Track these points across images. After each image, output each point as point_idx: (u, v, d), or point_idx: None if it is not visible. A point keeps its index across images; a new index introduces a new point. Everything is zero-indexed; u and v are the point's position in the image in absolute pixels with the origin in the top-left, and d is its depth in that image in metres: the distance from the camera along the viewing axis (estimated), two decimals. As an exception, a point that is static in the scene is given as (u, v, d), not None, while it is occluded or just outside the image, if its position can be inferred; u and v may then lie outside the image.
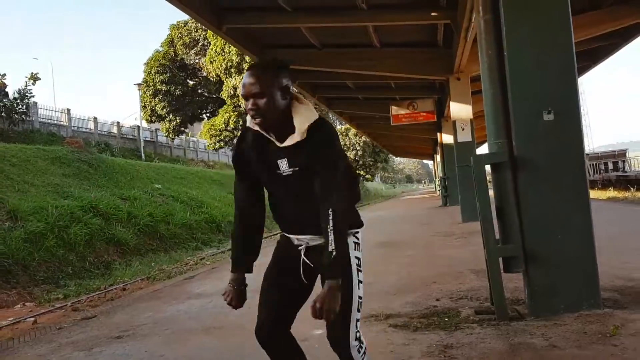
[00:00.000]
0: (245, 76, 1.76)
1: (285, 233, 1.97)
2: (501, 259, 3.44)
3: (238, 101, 27.63)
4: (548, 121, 3.34)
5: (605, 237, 5.85)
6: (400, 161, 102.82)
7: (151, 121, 31.38)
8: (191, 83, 32.25)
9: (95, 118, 27.62)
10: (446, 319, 3.47)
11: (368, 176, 43.00)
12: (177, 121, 30.61)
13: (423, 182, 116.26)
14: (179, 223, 14.11)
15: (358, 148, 39.16)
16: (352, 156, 38.80)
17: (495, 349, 2.82)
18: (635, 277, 4.12)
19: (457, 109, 11.00)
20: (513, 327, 3.15)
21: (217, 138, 28.79)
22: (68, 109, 25.57)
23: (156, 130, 33.33)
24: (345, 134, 38.45)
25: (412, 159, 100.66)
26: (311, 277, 1.93)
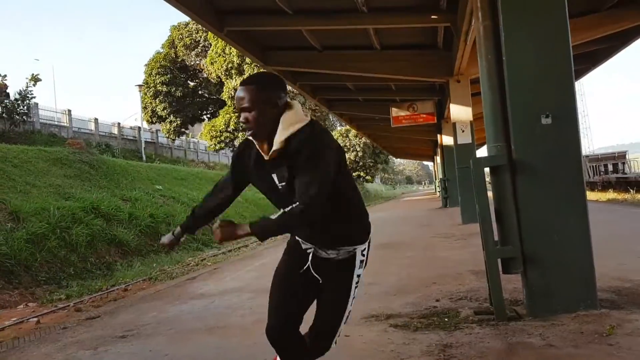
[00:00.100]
0: (237, 91, 1.85)
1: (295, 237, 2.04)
2: (500, 261, 3.50)
3: (238, 102, 27.71)
4: (546, 125, 3.40)
5: (603, 239, 5.90)
6: (400, 162, 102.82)
7: (152, 122, 31.44)
8: (192, 84, 32.32)
9: (96, 119, 27.68)
10: (446, 319, 3.53)
11: (368, 177, 43.06)
12: (178, 122, 30.67)
13: (423, 184, 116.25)
14: (180, 224, 14.16)
15: (358, 149, 39.21)
16: (353, 157, 38.86)
17: (493, 348, 2.88)
18: (632, 279, 4.18)
19: (457, 111, 11.05)
20: (511, 327, 3.21)
21: (218, 139, 28.84)
22: (69, 110, 25.63)
23: (157, 131, 33.39)
24: (345, 135, 38.52)
25: (412, 161, 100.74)
26: (317, 279, 1.99)
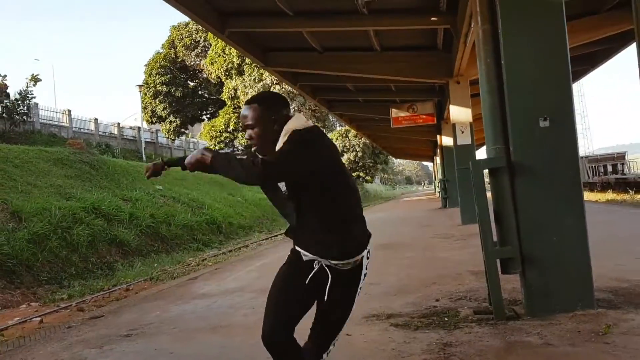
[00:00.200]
0: (242, 109, 1.96)
1: (295, 246, 2.09)
2: (499, 261, 3.56)
3: (238, 102, 27.77)
4: (544, 128, 3.46)
5: (602, 240, 5.97)
6: (399, 163, 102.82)
7: (152, 122, 31.51)
8: (192, 84, 32.40)
9: (96, 119, 27.71)
10: (446, 319, 3.59)
11: (368, 178, 43.12)
12: (178, 122, 30.75)
13: (423, 184, 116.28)
14: (180, 224, 14.22)
15: (358, 149, 39.28)
16: (352, 157, 38.92)
17: (492, 347, 2.94)
18: (629, 279, 4.23)
19: (457, 112, 11.11)
20: (510, 326, 3.27)
21: (218, 139, 28.93)
22: (69, 110, 25.66)
23: (156, 131, 33.45)
24: (345, 136, 38.58)
25: (412, 161, 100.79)
26: (319, 290, 2.02)
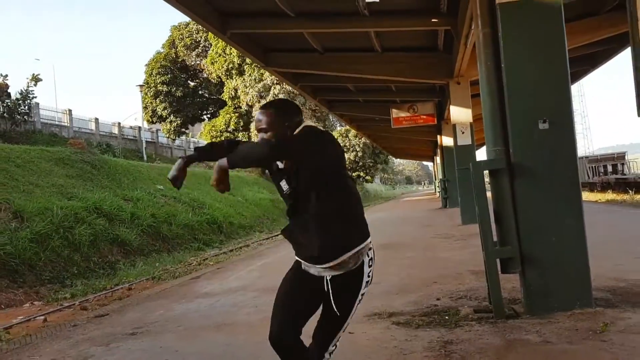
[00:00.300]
0: (257, 114, 2.05)
1: (297, 257, 2.14)
2: (499, 261, 3.62)
3: (239, 102, 27.81)
4: (543, 130, 3.52)
5: (601, 240, 6.03)
6: (399, 162, 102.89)
7: (152, 122, 31.54)
8: (192, 84, 32.43)
9: (96, 119, 27.76)
10: (446, 317, 3.65)
11: (368, 177, 43.15)
12: (178, 122, 30.78)
13: (423, 184, 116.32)
14: (181, 224, 14.28)
15: (358, 149, 39.32)
16: (352, 157, 38.95)
17: (492, 344, 3.00)
18: (627, 278, 4.29)
19: (457, 113, 11.15)
20: (509, 325, 3.33)
21: (218, 139, 28.93)
22: (69, 110, 25.72)
23: (157, 130, 33.50)
24: (345, 135, 38.61)
25: (412, 161, 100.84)
26: (323, 293, 2.07)
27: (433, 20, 8.40)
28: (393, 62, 10.77)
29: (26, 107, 20.51)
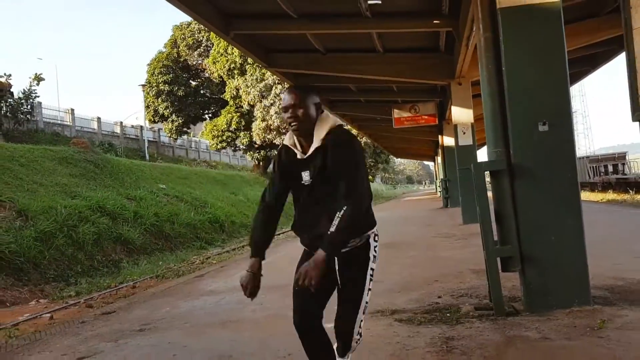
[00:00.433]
0: (285, 93, 2.20)
1: (305, 247, 2.24)
2: (499, 259, 3.71)
3: (240, 102, 27.86)
4: (543, 132, 3.60)
5: (601, 239, 6.11)
6: (400, 162, 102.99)
7: (154, 121, 31.61)
8: (194, 84, 32.47)
9: (98, 118, 27.86)
10: (448, 314, 3.73)
11: (369, 177, 43.13)
12: (180, 121, 30.83)
13: (424, 183, 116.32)
14: (184, 223, 14.38)
15: (359, 149, 39.28)
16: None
17: (492, 341, 3.08)
18: (625, 277, 4.37)
19: (459, 113, 11.21)
20: (509, 322, 3.41)
21: (220, 139, 29.01)
22: (72, 109, 25.80)
23: (159, 130, 33.59)
24: (345, 135, 38.56)
25: (413, 160, 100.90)
26: (332, 273, 2.17)
27: (435, 21, 8.47)
28: (395, 63, 10.83)
29: (29, 106, 20.61)
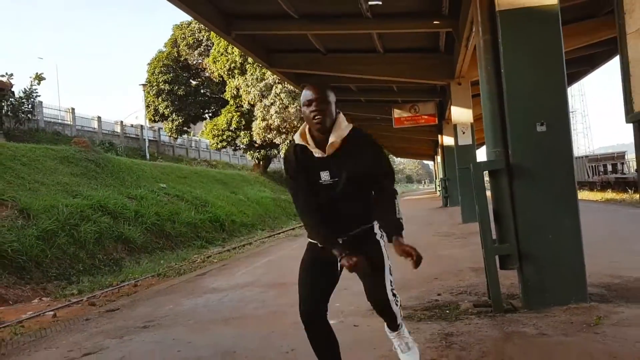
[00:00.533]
0: (309, 89, 2.30)
1: (317, 244, 2.32)
2: (498, 257, 3.77)
3: (240, 101, 27.91)
4: (541, 132, 3.67)
5: (599, 239, 6.17)
6: (400, 161, 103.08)
7: (154, 120, 31.66)
8: (194, 83, 32.50)
9: (99, 117, 27.91)
10: (447, 311, 3.80)
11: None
12: (180, 121, 30.88)
13: (423, 183, 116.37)
14: (184, 222, 14.43)
15: (359, 148, 39.33)
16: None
17: (490, 336, 3.15)
18: (622, 275, 4.43)
19: (458, 113, 11.27)
20: (508, 318, 3.48)
21: (220, 138, 29.06)
22: (72, 109, 25.85)
23: (159, 129, 33.64)
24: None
25: (412, 160, 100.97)
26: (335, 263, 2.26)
27: (435, 22, 8.52)
28: (395, 63, 10.88)
29: (30, 106, 20.67)
